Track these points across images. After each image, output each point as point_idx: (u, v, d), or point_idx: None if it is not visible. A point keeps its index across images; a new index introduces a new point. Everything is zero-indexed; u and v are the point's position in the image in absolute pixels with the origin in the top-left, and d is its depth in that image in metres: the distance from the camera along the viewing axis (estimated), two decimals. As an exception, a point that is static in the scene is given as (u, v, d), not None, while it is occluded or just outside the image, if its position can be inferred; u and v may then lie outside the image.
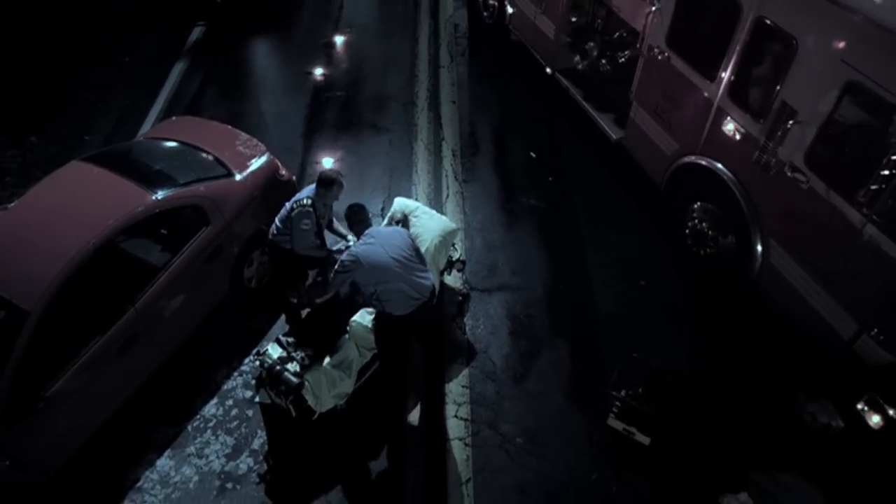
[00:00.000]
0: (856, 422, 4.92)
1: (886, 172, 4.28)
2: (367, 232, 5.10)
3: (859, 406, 4.89)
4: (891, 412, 4.79)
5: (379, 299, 4.95)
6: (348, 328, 5.49)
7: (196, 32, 10.44)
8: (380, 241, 4.97)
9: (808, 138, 4.96)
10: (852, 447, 4.99)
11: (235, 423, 5.77)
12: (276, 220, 5.79)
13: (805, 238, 5.25)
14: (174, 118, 7.52)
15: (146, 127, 8.68)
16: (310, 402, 5.25)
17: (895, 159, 4.21)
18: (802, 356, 5.58)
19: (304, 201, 5.59)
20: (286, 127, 8.65)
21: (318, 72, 9.57)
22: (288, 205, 5.70)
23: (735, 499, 5.08)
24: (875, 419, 4.81)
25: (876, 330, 4.78)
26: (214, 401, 5.92)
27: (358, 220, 5.23)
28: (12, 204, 5.58)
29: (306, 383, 5.21)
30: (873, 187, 4.41)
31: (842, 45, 4.58)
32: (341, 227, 6.08)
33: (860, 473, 4.96)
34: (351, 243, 5.67)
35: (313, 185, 5.69)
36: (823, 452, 5.09)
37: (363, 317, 5.53)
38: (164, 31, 10.46)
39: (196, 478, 5.44)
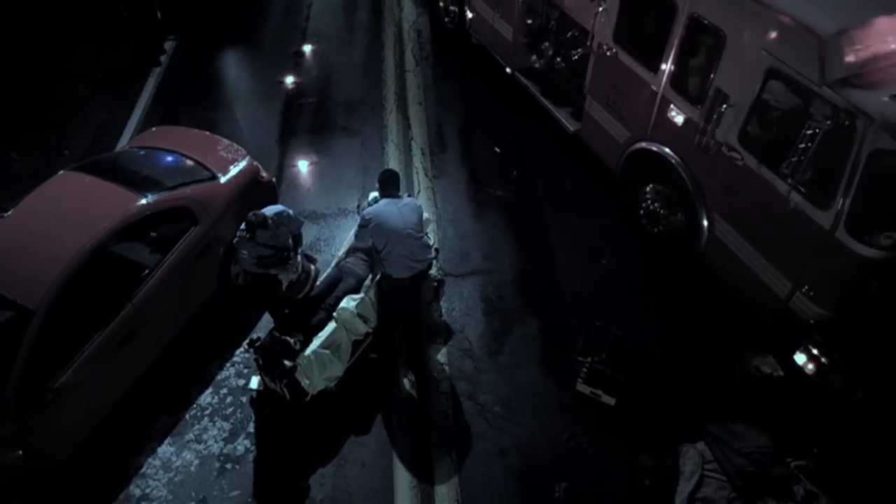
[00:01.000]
0: (794, 370, 5.53)
1: (803, 146, 4.87)
2: (390, 199, 5.71)
3: (796, 356, 5.51)
4: (823, 360, 5.40)
5: (381, 260, 5.54)
6: (335, 314, 5.91)
7: (168, 47, 10.73)
8: (398, 208, 5.60)
9: (739, 120, 5.56)
10: (792, 393, 5.56)
11: (231, 409, 6.14)
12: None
13: (743, 210, 5.84)
14: (154, 128, 7.81)
15: (124, 139, 8.97)
16: (303, 385, 5.65)
17: (809, 134, 4.80)
18: (746, 317, 6.17)
19: (245, 234, 5.87)
20: (262, 133, 9.02)
21: (290, 80, 9.95)
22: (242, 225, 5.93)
23: (693, 448, 5.64)
24: (809, 367, 5.42)
25: (806, 287, 5.38)
26: (209, 390, 6.28)
27: (388, 185, 5.79)
28: (8, 213, 5.88)
29: (299, 366, 5.61)
30: (794, 159, 5.00)
31: (762, 36, 5.18)
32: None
33: (800, 415, 5.54)
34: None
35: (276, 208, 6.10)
36: (768, 400, 5.66)
37: (349, 303, 5.96)
38: (136, 46, 10.70)
39: (196, 461, 5.81)
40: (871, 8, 4.86)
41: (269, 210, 6.02)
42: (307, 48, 10.68)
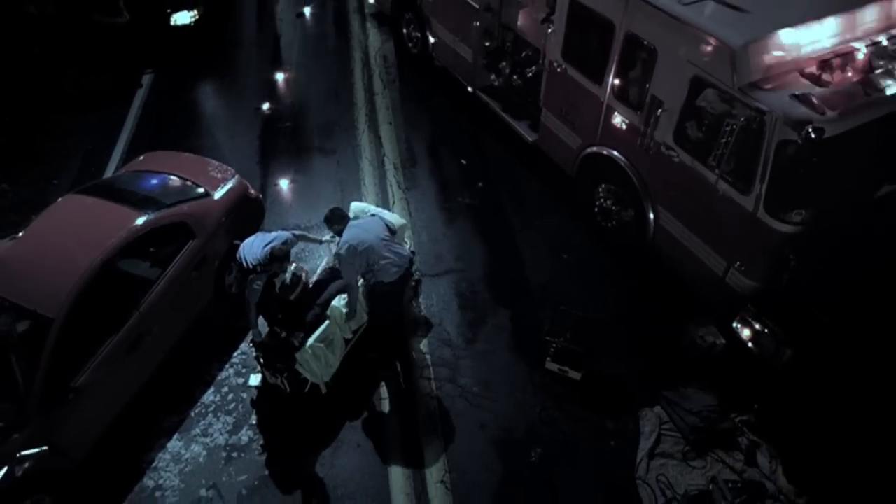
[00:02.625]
0: (733, 337, 6.32)
1: (725, 141, 5.72)
2: (350, 224, 6.18)
3: (734, 325, 6.31)
4: (757, 326, 6.21)
5: (373, 271, 6.14)
6: (328, 312, 6.50)
7: (146, 79, 11.27)
8: (364, 228, 6.16)
9: (673, 122, 6.40)
10: (733, 357, 6.35)
11: (233, 405, 6.69)
12: (249, 256, 6.26)
13: (682, 200, 6.67)
14: (142, 157, 8.04)
15: (111, 168, 9.46)
16: (305, 376, 6.24)
17: (729, 130, 5.65)
18: (691, 294, 6.98)
19: (267, 267, 6.19)
20: (243, 157, 9.58)
21: (266, 106, 10.55)
22: (258, 255, 6.18)
23: (651, 411, 6.39)
24: (746, 333, 6.23)
25: (738, 263, 6.20)
26: (211, 390, 6.82)
27: (336, 219, 6.28)
28: (20, 233, 6.40)
29: (299, 360, 6.19)
30: (719, 153, 5.84)
31: (686, 50, 6.04)
32: (307, 232, 7.14)
33: (741, 376, 6.33)
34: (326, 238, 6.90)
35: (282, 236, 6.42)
36: (713, 365, 6.44)
37: (339, 301, 6.57)
38: (115, 80, 11.20)
39: (204, 453, 6.33)
40: (773, 22, 5.75)
41: (277, 242, 6.31)
42: (280, 76, 11.31)
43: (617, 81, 7.01)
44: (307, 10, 12.91)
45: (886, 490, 5.62)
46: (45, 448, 5.52)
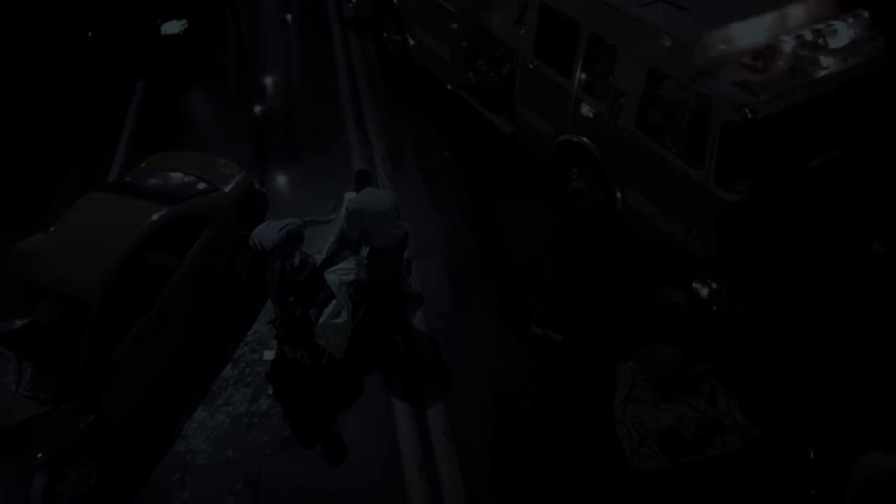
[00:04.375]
0: (694, 297, 7.20)
1: (678, 123, 6.59)
2: (367, 189, 7.15)
3: (695, 285, 7.19)
4: (714, 286, 7.09)
5: (368, 235, 6.94)
6: (328, 281, 7.23)
7: (140, 87, 11.83)
8: (374, 196, 7.05)
9: (634, 109, 7.25)
10: (694, 314, 7.23)
11: (250, 378, 7.37)
12: (266, 240, 7.06)
13: (645, 179, 7.52)
14: (144, 162, 8.48)
15: (114, 170, 10.04)
16: (323, 346, 6.96)
17: (681, 114, 6.53)
18: (655, 261, 7.87)
19: (285, 248, 6.92)
20: (239, 156, 10.06)
21: (257, 109, 11.23)
22: (275, 238, 6.95)
23: (625, 364, 7.21)
24: (704, 292, 7.11)
25: (695, 231, 7.08)
26: (229, 366, 7.49)
27: (362, 180, 7.26)
28: (51, 228, 7.01)
29: (317, 333, 6.91)
30: (674, 134, 6.70)
31: (642, 46, 6.91)
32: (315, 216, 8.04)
33: (702, 330, 7.21)
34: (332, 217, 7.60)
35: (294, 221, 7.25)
36: (677, 322, 7.31)
37: (333, 274, 7.34)
38: (109, 88, 11.75)
39: (228, 420, 7.00)
40: (714, 20, 6.64)
41: (292, 224, 7.09)
42: (268, 80, 11.97)
43: (583, 76, 7.85)
44: (289, 17, 13.57)
45: (825, 420, 6.55)
46: (90, 416, 6.17)
